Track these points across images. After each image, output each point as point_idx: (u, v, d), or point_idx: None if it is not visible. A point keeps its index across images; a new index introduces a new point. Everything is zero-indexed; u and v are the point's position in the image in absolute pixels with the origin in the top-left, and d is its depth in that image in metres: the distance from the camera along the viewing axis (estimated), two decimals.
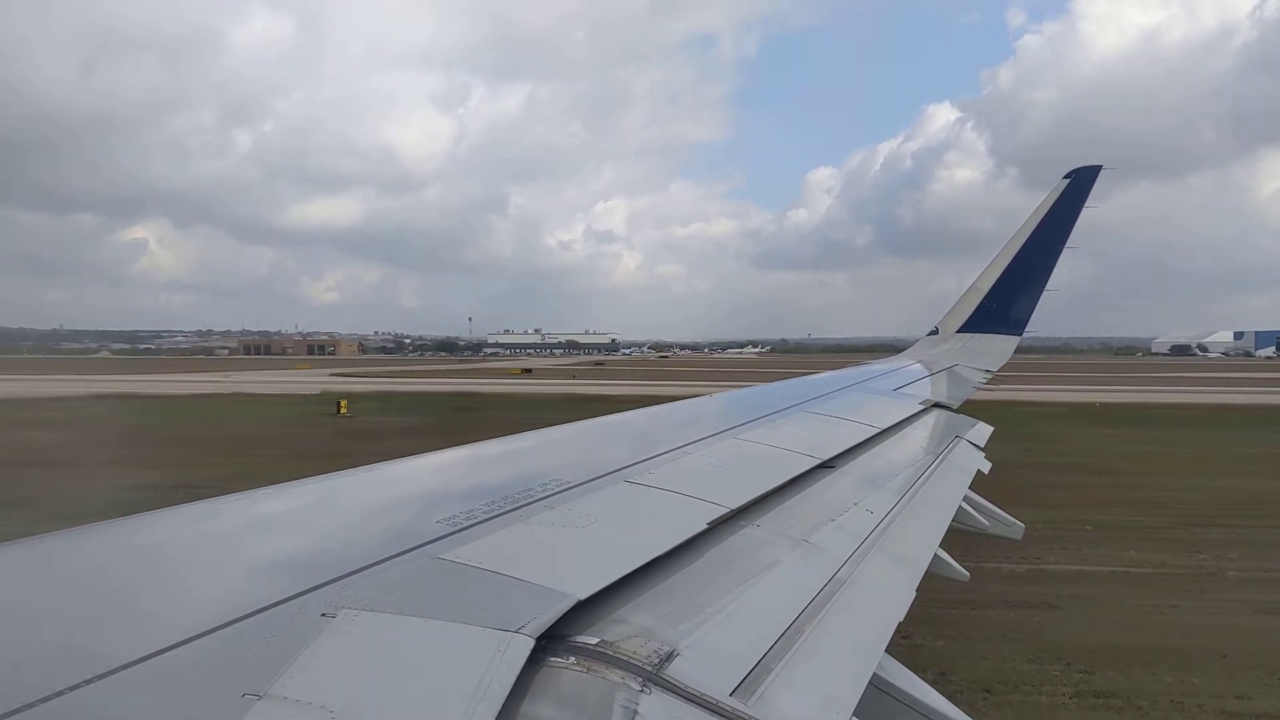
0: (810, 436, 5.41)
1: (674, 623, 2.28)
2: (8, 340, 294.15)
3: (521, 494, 3.04)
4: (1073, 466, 30.75)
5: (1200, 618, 14.85)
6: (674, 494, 3.39)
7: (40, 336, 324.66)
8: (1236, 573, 17.60)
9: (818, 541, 3.32)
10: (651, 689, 1.88)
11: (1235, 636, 13.83)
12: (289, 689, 1.56)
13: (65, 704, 1.44)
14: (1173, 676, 12.23)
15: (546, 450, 4.53)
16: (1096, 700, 11.54)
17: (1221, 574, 17.54)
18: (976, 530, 5.77)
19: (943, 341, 12.85)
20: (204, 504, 2.80)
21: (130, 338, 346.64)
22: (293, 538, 2.64)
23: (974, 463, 6.33)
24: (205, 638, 1.72)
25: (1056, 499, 23.86)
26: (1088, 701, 11.52)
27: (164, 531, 2.56)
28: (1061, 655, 12.91)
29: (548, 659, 1.90)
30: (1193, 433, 42.43)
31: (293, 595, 1.95)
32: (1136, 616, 14.89)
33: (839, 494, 4.18)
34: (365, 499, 3.21)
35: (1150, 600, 15.72)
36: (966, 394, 9.96)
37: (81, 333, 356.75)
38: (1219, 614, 15.07)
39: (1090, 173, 11.80)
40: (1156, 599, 15.79)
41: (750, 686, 2.07)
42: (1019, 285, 12.21)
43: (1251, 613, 15.15)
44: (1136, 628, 14.29)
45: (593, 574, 2.32)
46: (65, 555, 2.29)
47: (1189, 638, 13.74)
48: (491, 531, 2.59)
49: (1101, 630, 14.11)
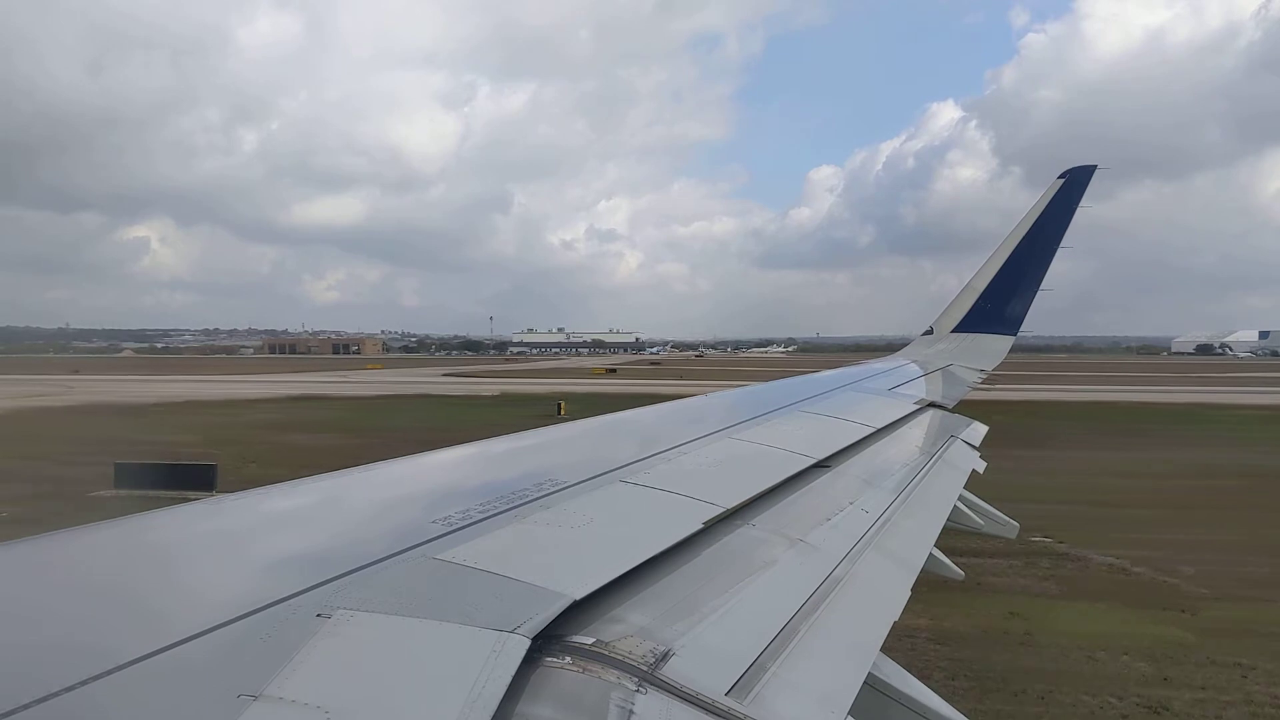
0: (806, 436, 5.41)
1: (670, 623, 2.28)
2: (15, 339, 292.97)
3: (517, 494, 3.04)
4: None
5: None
6: (670, 494, 3.39)
7: (46, 335, 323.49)
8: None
9: (813, 541, 3.32)
10: (647, 689, 1.89)
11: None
12: (285, 689, 1.56)
13: (62, 704, 1.44)
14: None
15: (542, 450, 4.52)
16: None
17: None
18: (972, 529, 5.78)
19: (938, 341, 12.87)
20: (199, 505, 2.80)
21: (138, 336, 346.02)
22: (288, 538, 2.64)
23: (969, 462, 6.34)
24: (201, 638, 1.72)
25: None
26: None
27: (159, 532, 2.56)
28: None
29: (544, 659, 1.90)
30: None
31: (288, 596, 1.95)
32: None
33: (834, 493, 4.19)
34: (361, 499, 3.21)
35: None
36: (962, 393, 9.97)
37: (90, 331, 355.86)
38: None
39: (1085, 172, 11.81)
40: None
41: (746, 686, 2.07)
42: (1014, 285, 12.22)
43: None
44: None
45: (588, 574, 2.32)
46: (62, 556, 2.28)
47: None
48: (487, 531, 2.59)
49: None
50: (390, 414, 57.86)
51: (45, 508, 25.84)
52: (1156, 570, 20.49)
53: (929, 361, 11.80)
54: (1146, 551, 22.04)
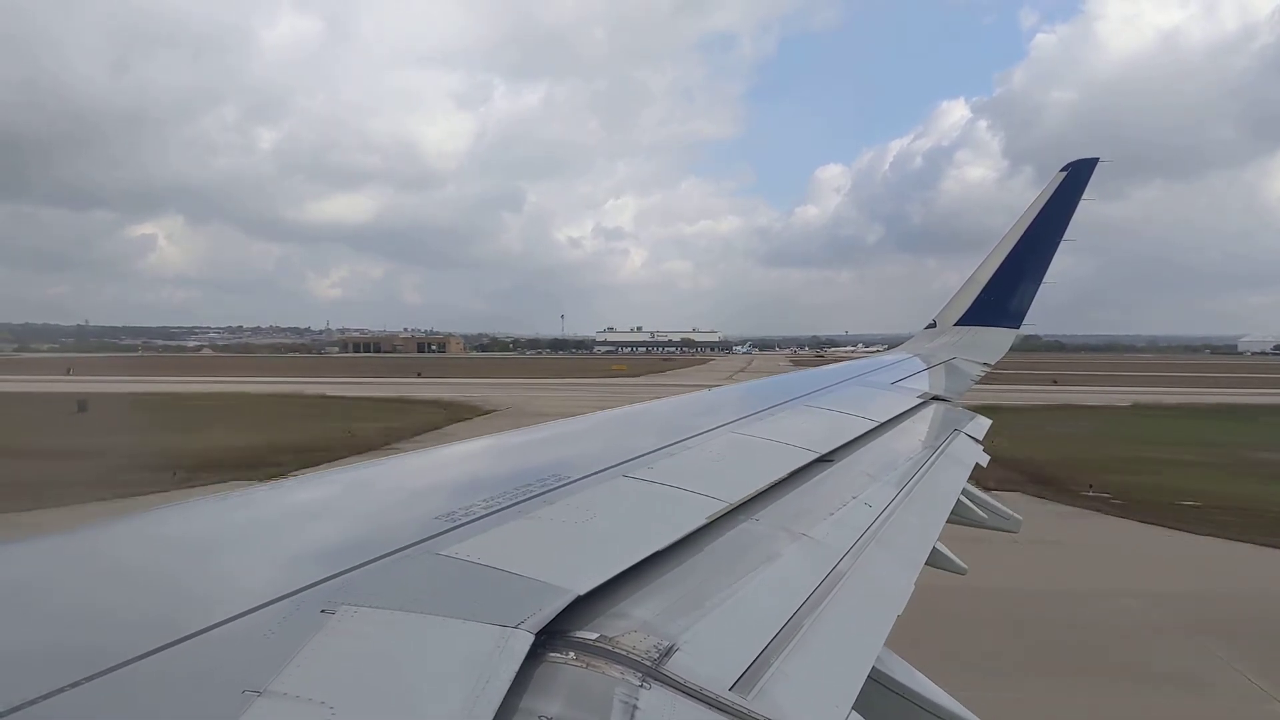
0: (809, 430, 5.41)
1: (673, 618, 2.28)
2: (33, 336, 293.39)
3: (521, 489, 3.04)
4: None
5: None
6: (673, 489, 3.39)
7: (62, 333, 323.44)
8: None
9: (816, 535, 3.32)
10: (651, 684, 1.89)
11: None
12: (289, 685, 1.56)
13: (67, 701, 1.45)
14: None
15: (545, 445, 4.53)
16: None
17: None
18: (975, 524, 5.78)
19: (940, 335, 12.85)
20: (203, 501, 2.80)
21: (162, 334, 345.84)
22: (292, 534, 2.64)
23: (972, 456, 6.33)
24: (205, 634, 1.72)
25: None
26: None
27: (163, 529, 2.56)
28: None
29: (547, 654, 1.90)
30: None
31: (292, 591, 1.95)
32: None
33: (837, 488, 4.18)
34: (364, 495, 3.21)
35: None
36: (965, 387, 9.95)
37: (116, 329, 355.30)
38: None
39: (1087, 165, 11.78)
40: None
41: (750, 681, 2.07)
42: (1016, 278, 12.20)
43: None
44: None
45: (592, 569, 2.32)
46: (66, 554, 2.29)
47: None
48: (491, 527, 2.59)
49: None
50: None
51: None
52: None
53: (932, 355, 11.79)
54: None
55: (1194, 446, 45.49)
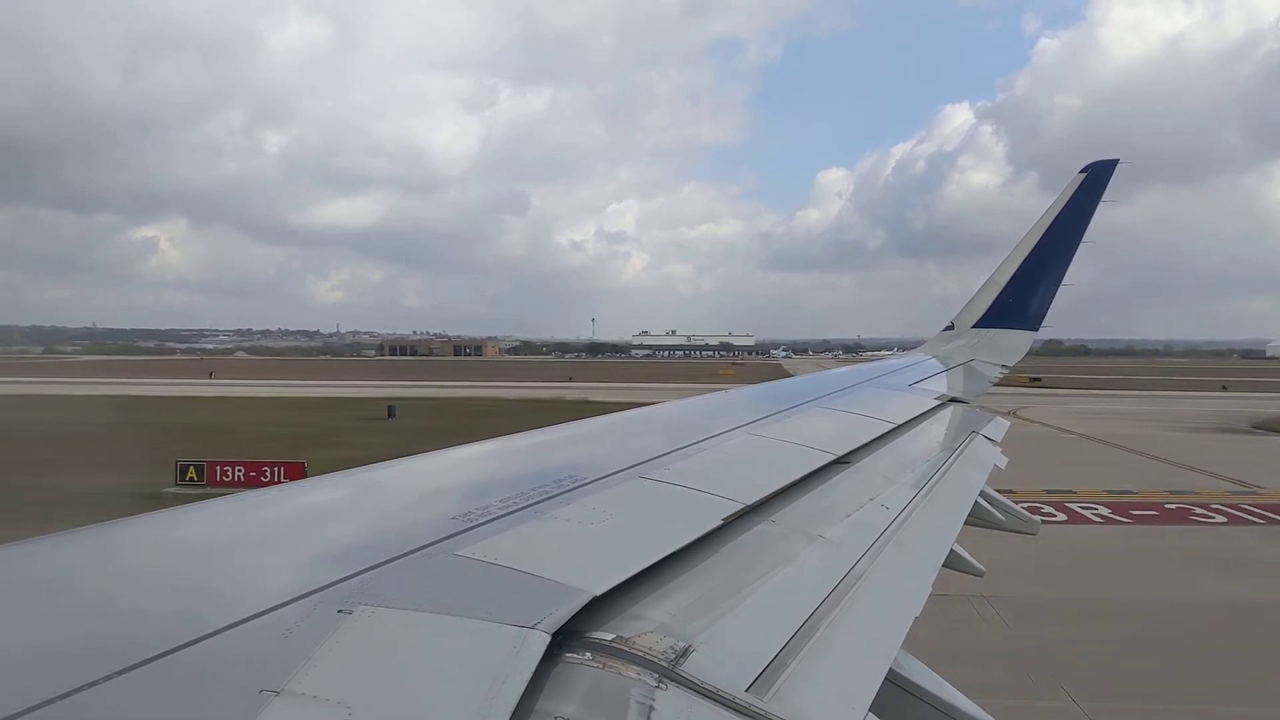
0: (825, 432, 5.38)
1: (690, 619, 2.27)
2: (40, 339, 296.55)
3: (537, 490, 3.04)
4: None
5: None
6: (689, 490, 3.38)
7: (72, 335, 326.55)
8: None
9: (833, 537, 3.30)
10: (667, 685, 1.88)
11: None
12: (306, 685, 1.56)
13: (85, 700, 1.46)
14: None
15: (561, 446, 4.53)
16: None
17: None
18: (993, 526, 5.73)
19: (958, 337, 12.77)
20: (219, 501, 2.81)
21: (172, 336, 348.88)
22: (309, 535, 2.66)
23: (991, 458, 6.28)
24: (223, 634, 1.73)
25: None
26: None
27: (179, 529, 2.58)
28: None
29: (564, 655, 1.90)
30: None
31: (310, 592, 1.96)
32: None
33: (854, 489, 4.16)
34: (381, 496, 3.23)
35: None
36: (983, 389, 9.88)
37: (126, 331, 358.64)
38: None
39: (1107, 167, 11.68)
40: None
41: (766, 682, 2.06)
42: (1035, 280, 12.10)
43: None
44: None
45: (608, 570, 2.32)
46: (83, 553, 2.30)
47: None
48: (507, 528, 2.59)
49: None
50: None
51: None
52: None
53: (950, 357, 11.71)
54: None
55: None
